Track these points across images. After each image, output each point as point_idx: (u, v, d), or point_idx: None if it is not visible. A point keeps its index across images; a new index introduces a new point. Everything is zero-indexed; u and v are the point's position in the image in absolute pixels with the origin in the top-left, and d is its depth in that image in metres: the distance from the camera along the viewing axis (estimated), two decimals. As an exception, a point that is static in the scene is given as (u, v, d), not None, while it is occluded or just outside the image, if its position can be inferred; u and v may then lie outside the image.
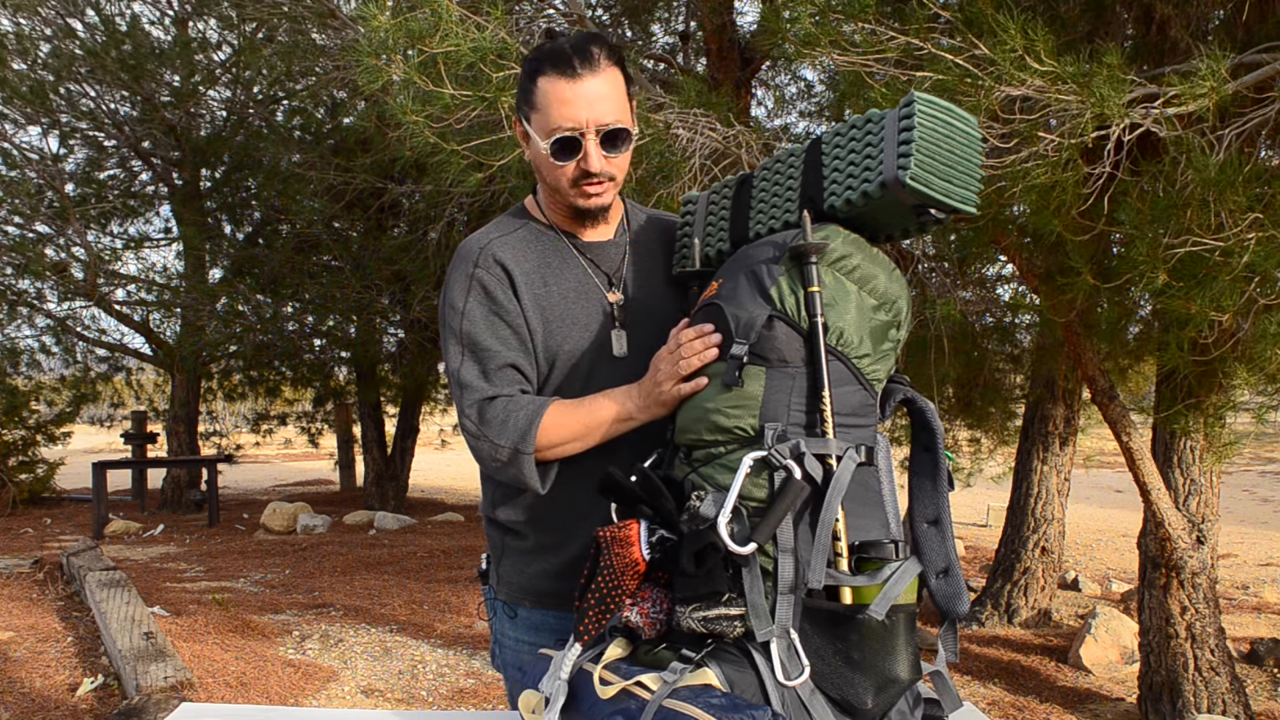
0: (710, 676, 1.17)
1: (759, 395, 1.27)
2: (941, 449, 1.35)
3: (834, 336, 1.27)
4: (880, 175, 1.26)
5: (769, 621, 1.18)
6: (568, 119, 1.43)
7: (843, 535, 1.21)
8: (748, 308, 1.30)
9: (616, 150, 1.48)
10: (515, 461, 1.45)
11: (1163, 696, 4.09)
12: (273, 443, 13.32)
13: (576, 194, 1.50)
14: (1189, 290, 2.65)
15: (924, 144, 1.24)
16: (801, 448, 1.21)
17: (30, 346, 11.07)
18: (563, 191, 1.51)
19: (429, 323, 9.07)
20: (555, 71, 1.43)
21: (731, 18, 5.50)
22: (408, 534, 8.97)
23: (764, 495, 1.22)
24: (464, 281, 1.52)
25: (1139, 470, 3.81)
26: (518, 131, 1.57)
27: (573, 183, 1.48)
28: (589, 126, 1.43)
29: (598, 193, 1.50)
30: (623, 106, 1.48)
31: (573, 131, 1.43)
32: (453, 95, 2.91)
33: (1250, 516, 10.70)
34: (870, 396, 1.31)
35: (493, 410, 1.47)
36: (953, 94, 2.58)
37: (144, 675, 3.92)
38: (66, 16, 9.63)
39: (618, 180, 1.52)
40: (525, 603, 1.60)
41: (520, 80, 1.52)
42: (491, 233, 1.58)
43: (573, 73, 1.42)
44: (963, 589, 1.28)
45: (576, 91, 1.42)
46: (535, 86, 1.46)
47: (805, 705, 1.17)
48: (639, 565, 1.25)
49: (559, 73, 1.43)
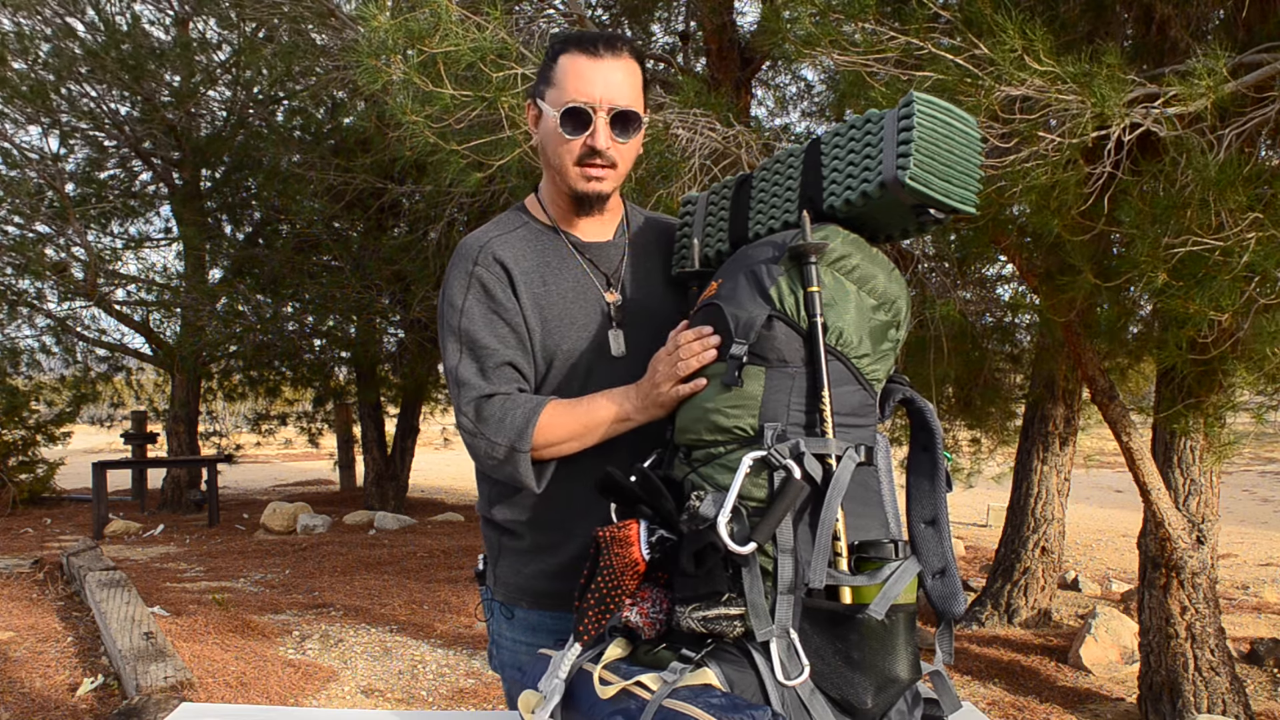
0: (710, 676, 1.17)
1: (758, 395, 1.27)
2: (940, 449, 1.35)
3: (833, 336, 1.27)
4: (880, 175, 1.26)
5: (769, 621, 1.18)
6: (582, 92, 1.44)
7: (842, 535, 1.21)
8: (747, 308, 1.30)
9: (625, 134, 1.48)
10: (511, 459, 1.45)
11: (1163, 696, 4.09)
12: (273, 443, 13.32)
13: (578, 175, 1.49)
14: (1189, 290, 2.65)
15: (923, 144, 1.24)
16: (801, 447, 1.21)
17: (30, 346, 11.08)
18: (565, 172, 1.50)
19: (429, 323, 9.07)
20: (578, 50, 1.46)
21: (731, 18, 5.50)
22: (408, 534, 8.97)
23: (764, 495, 1.22)
24: (463, 279, 1.52)
25: (1139, 470, 3.81)
26: (529, 115, 1.57)
27: (577, 160, 1.48)
28: (602, 104, 1.45)
29: (599, 176, 1.49)
30: (637, 97, 1.49)
31: (585, 104, 1.44)
32: (453, 95, 2.91)
33: (1250, 516, 10.70)
34: (870, 396, 1.31)
35: (490, 408, 1.47)
36: (953, 94, 2.58)
37: (144, 675, 3.92)
38: (66, 16, 9.63)
39: (620, 170, 1.52)
40: (522, 603, 1.60)
41: (542, 63, 1.54)
42: (491, 231, 1.57)
43: (595, 52, 1.45)
44: (959, 590, 1.28)
45: (595, 69, 1.45)
46: (556, 64, 1.48)
47: (805, 705, 1.17)
48: (639, 565, 1.25)
49: (582, 50, 1.46)
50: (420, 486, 12.83)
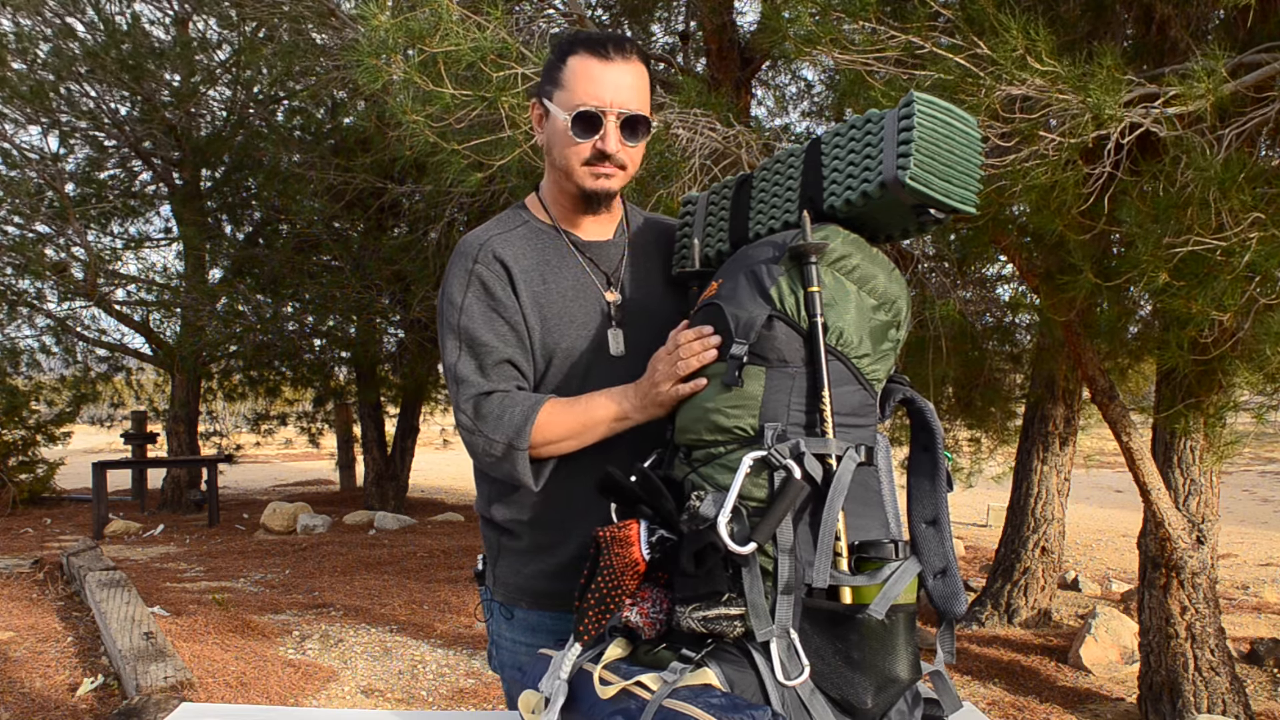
0: (710, 676, 1.17)
1: (759, 395, 1.27)
2: (941, 449, 1.35)
3: (834, 336, 1.27)
4: (880, 175, 1.26)
5: (769, 621, 1.18)
6: (593, 96, 1.46)
7: (842, 535, 1.21)
8: (747, 308, 1.30)
9: (635, 138, 1.50)
10: (509, 457, 1.45)
11: (1163, 696, 4.09)
12: (273, 443, 13.31)
13: (587, 173, 1.50)
14: (1190, 290, 2.65)
15: (923, 144, 1.24)
16: (801, 447, 1.22)
17: (30, 346, 11.07)
18: (573, 172, 1.51)
19: (429, 323, 9.07)
20: (588, 51, 1.47)
21: (731, 17, 5.49)
22: (408, 534, 8.97)
23: (764, 495, 1.22)
24: (463, 277, 1.53)
25: (1139, 470, 3.80)
26: (534, 114, 1.58)
27: (585, 162, 1.49)
28: (612, 108, 1.46)
29: (608, 174, 1.51)
30: (645, 100, 1.51)
31: (596, 108, 1.45)
32: (453, 95, 2.90)
33: (1250, 516, 10.70)
34: (870, 396, 1.31)
35: (488, 405, 1.47)
36: (953, 93, 2.58)
37: (144, 675, 3.92)
38: (66, 16, 9.62)
39: (628, 171, 1.54)
40: (522, 604, 1.60)
41: (547, 62, 1.54)
42: (491, 229, 1.58)
43: (605, 55, 1.47)
44: (960, 590, 1.28)
45: (606, 72, 1.46)
46: (564, 65, 1.49)
47: (805, 705, 1.17)
48: (639, 565, 1.25)
49: (591, 53, 1.47)
50: (420, 486, 12.83)
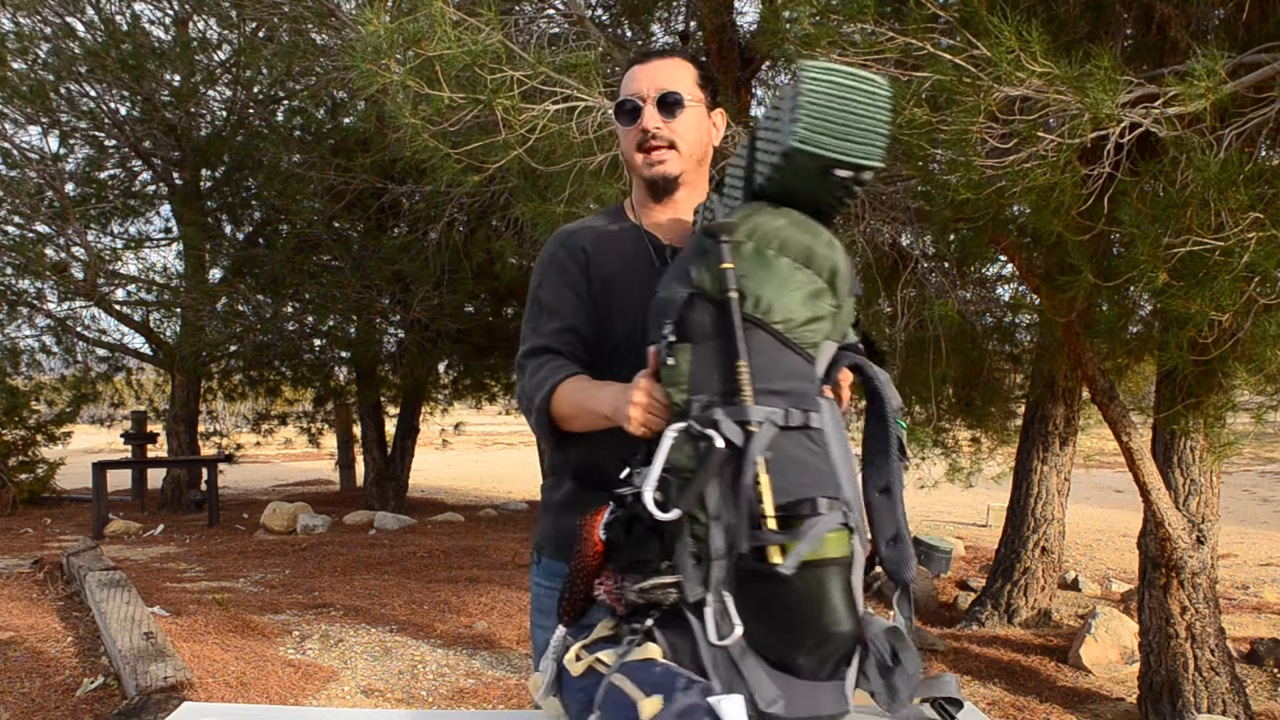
0: (654, 650, 1.23)
1: (687, 370, 1.33)
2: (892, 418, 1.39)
3: (752, 304, 1.32)
4: (781, 146, 1.32)
5: (697, 583, 1.23)
6: (632, 90, 1.64)
7: (766, 497, 1.23)
8: (674, 289, 1.38)
9: (671, 114, 1.62)
10: (531, 411, 1.60)
11: (1163, 696, 4.09)
12: (273, 443, 13.31)
13: (643, 161, 1.65)
14: (1189, 290, 2.65)
15: (812, 107, 1.29)
16: (716, 415, 1.26)
17: (30, 346, 11.06)
18: (633, 164, 1.67)
19: (429, 323, 9.08)
20: (636, 62, 1.68)
21: (731, 18, 5.49)
22: (408, 534, 8.97)
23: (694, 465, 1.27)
24: (548, 256, 1.71)
25: (1139, 470, 3.80)
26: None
27: (637, 147, 1.64)
28: (649, 93, 1.63)
29: (660, 159, 1.63)
30: (682, 84, 1.64)
31: (634, 97, 1.63)
32: (449, 98, 2.90)
33: (1250, 516, 10.69)
34: (804, 361, 1.33)
35: (534, 361, 1.62)
36: (952, 94, 2.58)
37: (144, 675, 3.92)
38: (66, 16, 9.62)
39: (682, 150, 1.64)
40: (546, 550, 1.72)
41: None
42: (585, 222, 1.77)
43: (646, 60, 1.67)
44: (910, 556, 1.33)
45: (645, 69, 1.65)
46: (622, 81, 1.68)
47: (736, 663, 1.20)
48: (597, 546, 1.33)
49: (638, 62, 1.67)
50: (420, 486, 12.84)
